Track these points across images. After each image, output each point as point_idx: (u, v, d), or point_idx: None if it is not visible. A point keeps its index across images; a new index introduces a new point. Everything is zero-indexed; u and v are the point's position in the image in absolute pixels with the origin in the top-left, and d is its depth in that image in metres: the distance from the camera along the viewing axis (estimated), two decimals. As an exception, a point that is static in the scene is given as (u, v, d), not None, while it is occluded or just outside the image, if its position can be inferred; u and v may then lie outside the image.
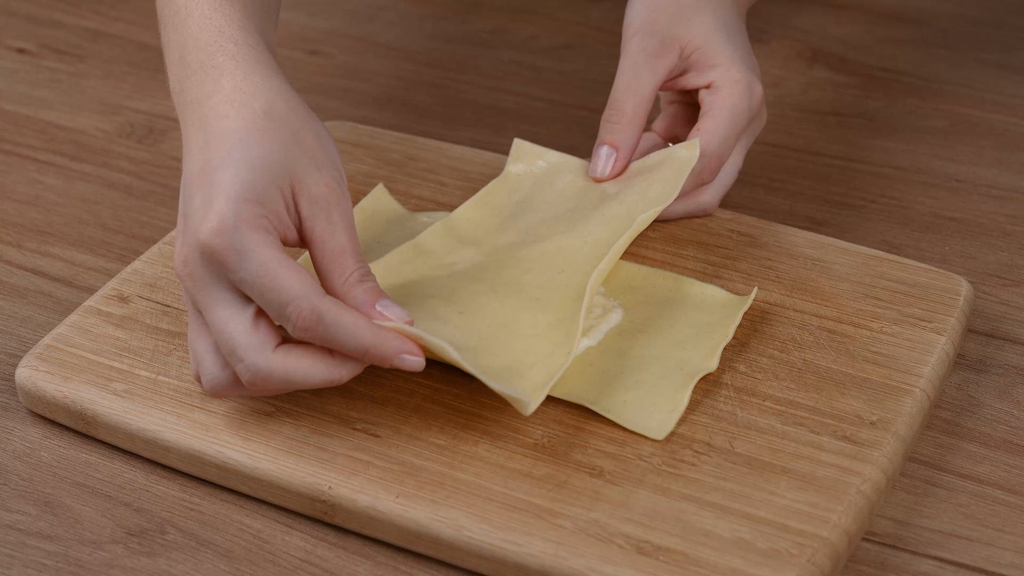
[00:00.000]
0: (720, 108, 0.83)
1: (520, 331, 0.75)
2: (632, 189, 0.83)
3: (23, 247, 0.91)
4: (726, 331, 0.77)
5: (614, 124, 0.84)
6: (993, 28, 1.14)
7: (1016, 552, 0.69)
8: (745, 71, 0.84)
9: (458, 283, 0.78)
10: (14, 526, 0.71)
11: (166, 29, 0.77)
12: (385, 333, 0.69)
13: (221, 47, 0.74)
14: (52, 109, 1.06)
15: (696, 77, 0.85)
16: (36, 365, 0.77)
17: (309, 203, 0.70)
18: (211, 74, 0.73)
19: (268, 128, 0.71)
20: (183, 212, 0.71)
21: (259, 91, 0.72)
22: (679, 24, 0.84)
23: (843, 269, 0.82)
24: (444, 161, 0.92)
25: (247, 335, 0.68)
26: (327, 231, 0.70)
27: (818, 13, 1.17)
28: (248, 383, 0.69)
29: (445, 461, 0.71)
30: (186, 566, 0.69)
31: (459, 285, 0.78)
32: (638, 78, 0.84)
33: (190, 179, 0.71)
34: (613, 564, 0.65)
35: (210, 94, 0.73)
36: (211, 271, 0.69)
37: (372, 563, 0.69)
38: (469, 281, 0.79)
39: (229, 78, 0.73)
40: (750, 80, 0.84)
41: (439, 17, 1.17)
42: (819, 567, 0.65)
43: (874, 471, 0.70)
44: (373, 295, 0.70)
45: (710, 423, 0.73)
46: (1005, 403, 0.78)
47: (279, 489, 0.71)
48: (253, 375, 0.68)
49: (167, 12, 0.77)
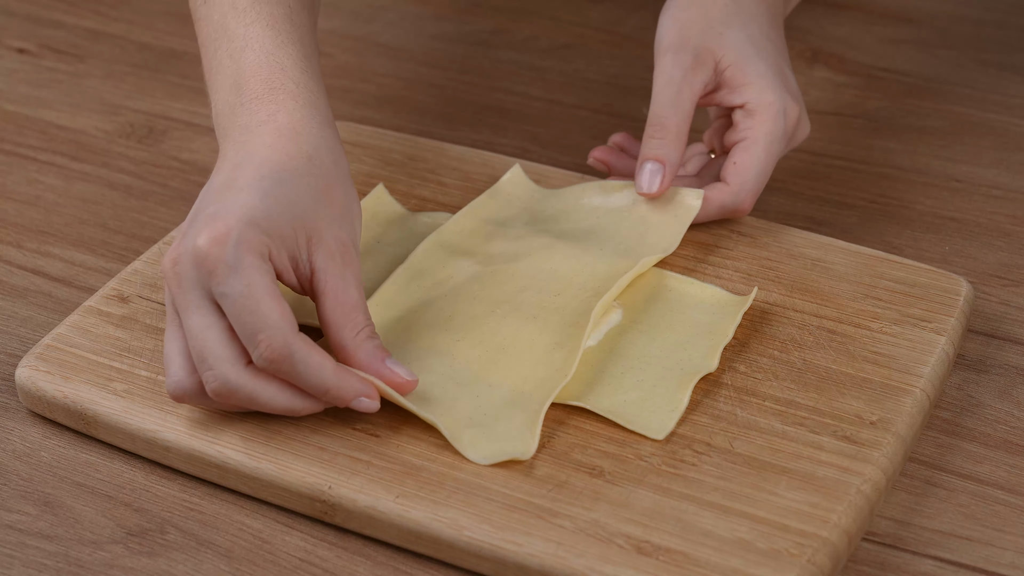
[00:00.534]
0: (755, 140, 0.83)
1: (519, 354, 0.75)
2: (632, 229, 0.83)
3: (23, 247, 0.91)
4: (726, 331, 0.77)
5: (659, 140, 0.83)
6: (993, 28, 1.14)
7: (1016, 552, 0.69)
8: (778, 92, 0.83)
9: (455, 305, 0.78)
10: (14, 526, 0.71)
11: (218, 54, 0.77)
12: (348, 377, 0.70)
13: (282, 85, 0.75)
14: (52, 109, 1.06)
15: (730, 95, 0.85)
16: (36, 365, 0.77)
17: (325, 255, 0.71)
18: (267, 107, 0.74)
19: (306, 173, 0.72)
20: (190, 217, 0.71)
21: (311, 136, 0.73)
22: (711, 39, 0.84)
23: (843, 269, 0.82)
24: (444, 161, 0.92)
25: (222, 345, 0.69)
26: (340, 285, 0.71)
27: (818, 13, 1.17)
28: (213, 392, 0.69)
29: (445, 461, 0.71)
30: (186, 566, 0.69)
31: (456, 308, 0.78)
32: (678, 94, 0.83)
33: (211, 190, 0.72)
34: (613, 564, 0.65)
35: (262, 123, 0.73)
36: (198, 277, 0.69)
37: (372, 563, 0.69)
38: (466, 301, 0.79)
39: (286, 115, 0.74)
40: (783, 101, 0.83)
41: (439, 17, 1.17)
42: (819, 567, 0.65)
43: (874, 471, 0.70)
44: (383, 352, 0.72)
45: (710, 423, 0.73)
46: (1005, 403, 0.78)
47: (279, 489, 0.71)
48: (220, 385, 0.69)
49: (220, 38, 0.78)
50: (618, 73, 1.09)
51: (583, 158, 0.99)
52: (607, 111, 1.05)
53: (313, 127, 0.74)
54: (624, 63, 1.10)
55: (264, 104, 0.74)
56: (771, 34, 0.87)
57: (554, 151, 1.00)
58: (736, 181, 0.83)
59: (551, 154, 1.00)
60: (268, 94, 0.74)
